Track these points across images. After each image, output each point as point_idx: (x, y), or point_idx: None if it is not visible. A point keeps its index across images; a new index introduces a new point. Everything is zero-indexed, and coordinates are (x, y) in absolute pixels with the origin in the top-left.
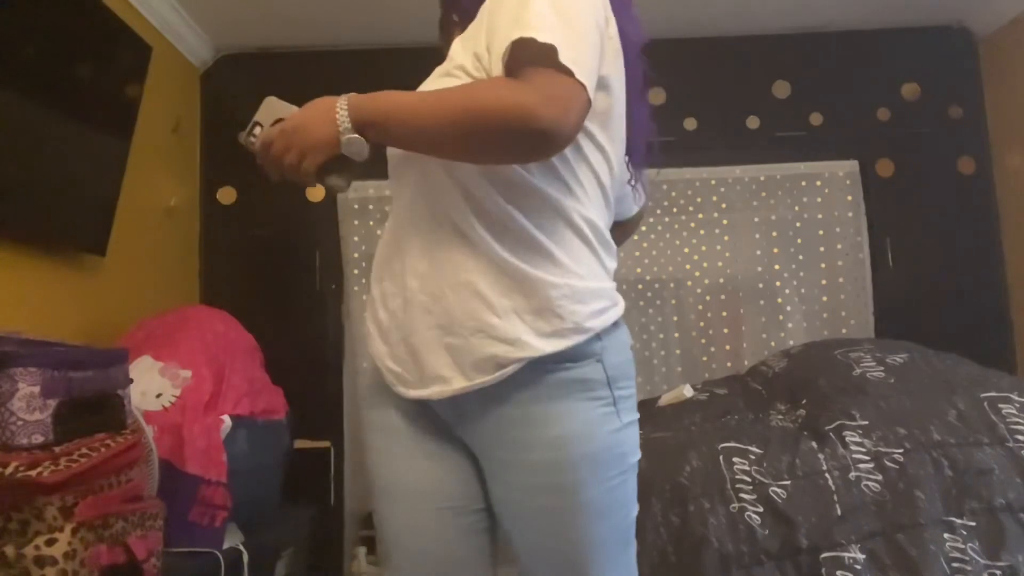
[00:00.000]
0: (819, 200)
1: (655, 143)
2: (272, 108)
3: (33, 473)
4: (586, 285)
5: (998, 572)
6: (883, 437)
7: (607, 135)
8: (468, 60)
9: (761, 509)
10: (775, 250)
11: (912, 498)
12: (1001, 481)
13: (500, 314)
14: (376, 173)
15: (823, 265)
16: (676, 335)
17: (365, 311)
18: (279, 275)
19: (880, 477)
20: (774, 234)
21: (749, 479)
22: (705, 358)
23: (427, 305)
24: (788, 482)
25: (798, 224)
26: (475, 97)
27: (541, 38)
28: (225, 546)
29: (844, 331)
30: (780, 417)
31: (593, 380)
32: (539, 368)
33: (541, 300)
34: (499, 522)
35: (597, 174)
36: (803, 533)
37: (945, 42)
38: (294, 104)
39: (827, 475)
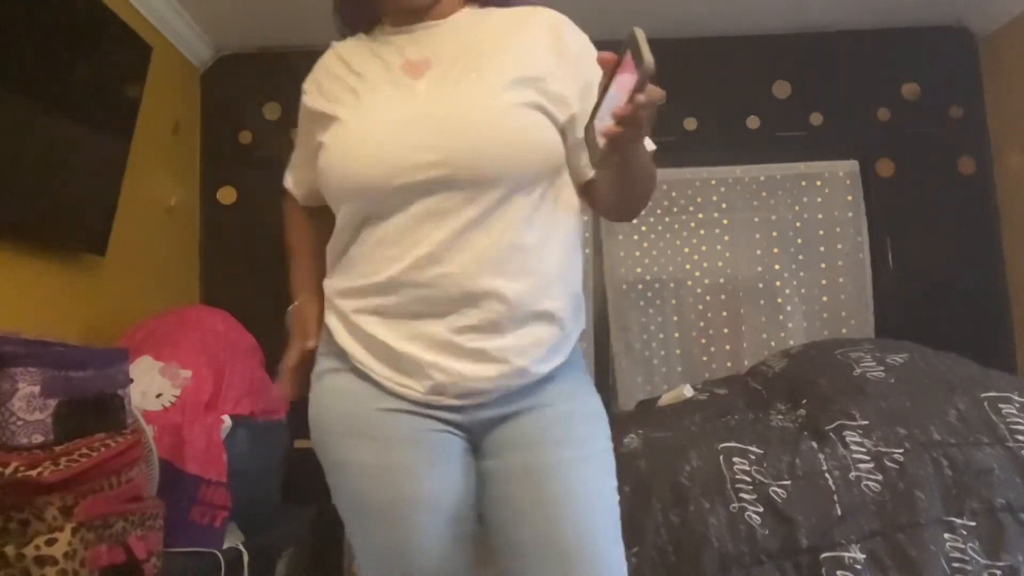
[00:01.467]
0: (819, 200)
1: None
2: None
3: (33, 473)
4: None
5: (998, 572)
6: (883, 437)
7: None
8: (571, 92)
9: (761, 509)
10: (775, 250)
11: (912, 498)
12: (1001, 481)
13: (568, 332)
14: None
15: (823, 265)
16: (676, 335)
17: (381, 327)
18: (279, 275)
19: (880, 477)
20: (774, 234)
21: (749, 479)
22: (705, 358)
23: (521, 319)
24: (788, 482)
25: (798, 224)
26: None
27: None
28: (225, 546)
29: (844, 331)
30: (780, 417)
31: (579, 353)
32: None
33: (578, 307)
34: (496, 511)
35: None
36: (803, 533)
37: (945, 42)
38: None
39: (827, 475)
